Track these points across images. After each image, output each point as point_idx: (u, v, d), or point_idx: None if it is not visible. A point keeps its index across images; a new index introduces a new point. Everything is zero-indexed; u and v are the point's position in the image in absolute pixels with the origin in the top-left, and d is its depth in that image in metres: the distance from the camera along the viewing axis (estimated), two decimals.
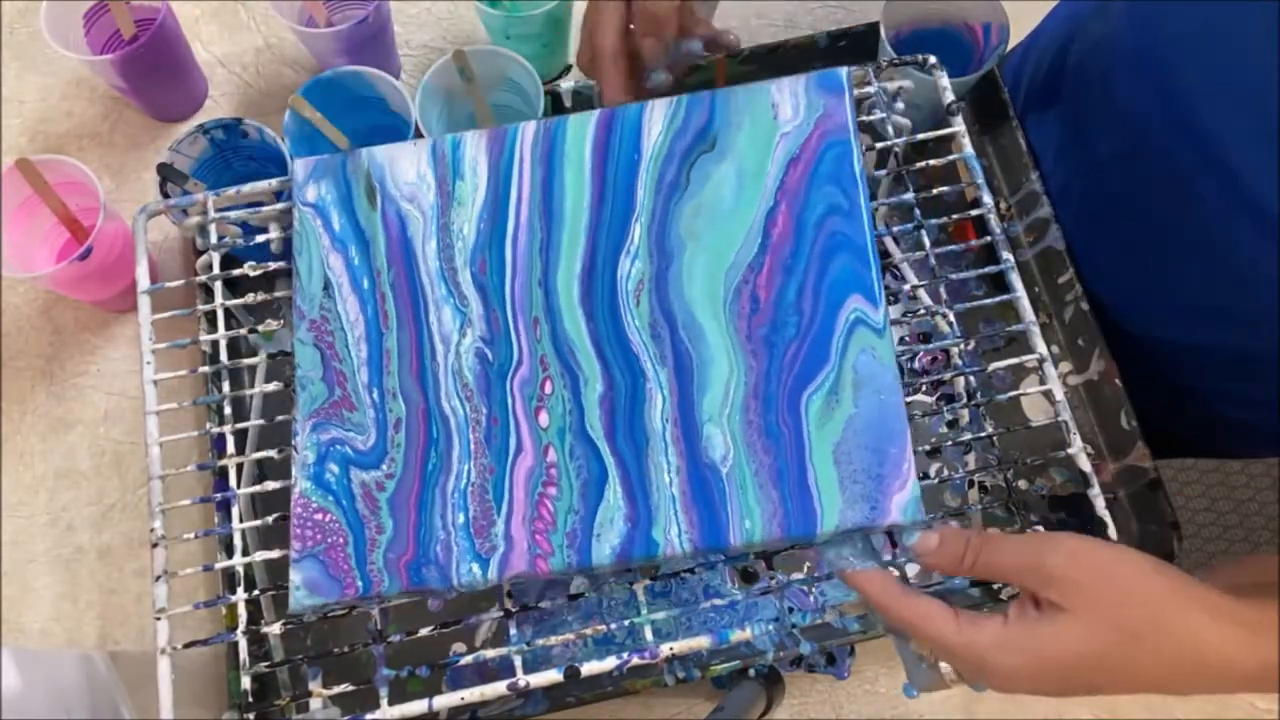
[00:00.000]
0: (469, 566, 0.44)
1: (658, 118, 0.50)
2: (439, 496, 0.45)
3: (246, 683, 0.47)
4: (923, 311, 0.56)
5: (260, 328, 0.55)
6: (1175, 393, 0.64)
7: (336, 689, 0.46)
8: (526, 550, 0.44)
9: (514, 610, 0.46)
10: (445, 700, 0.45)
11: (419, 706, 0.44)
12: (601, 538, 0.44)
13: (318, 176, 0.50)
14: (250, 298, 0.53)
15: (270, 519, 0.49)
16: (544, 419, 0.46)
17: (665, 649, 0.46)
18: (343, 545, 0.45)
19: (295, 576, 0.45)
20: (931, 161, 0.54)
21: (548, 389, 0.46)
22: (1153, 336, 0.62)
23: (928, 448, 0.49)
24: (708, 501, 0.44)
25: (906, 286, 0.56)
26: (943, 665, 0.42)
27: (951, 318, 0.52)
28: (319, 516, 0.46)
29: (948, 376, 0.59)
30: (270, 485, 0.49)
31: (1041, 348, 0.51)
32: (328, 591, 0.45)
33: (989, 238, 0.53)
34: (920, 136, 0.55)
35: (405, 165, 0.50)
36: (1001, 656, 0.38)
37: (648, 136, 0.49)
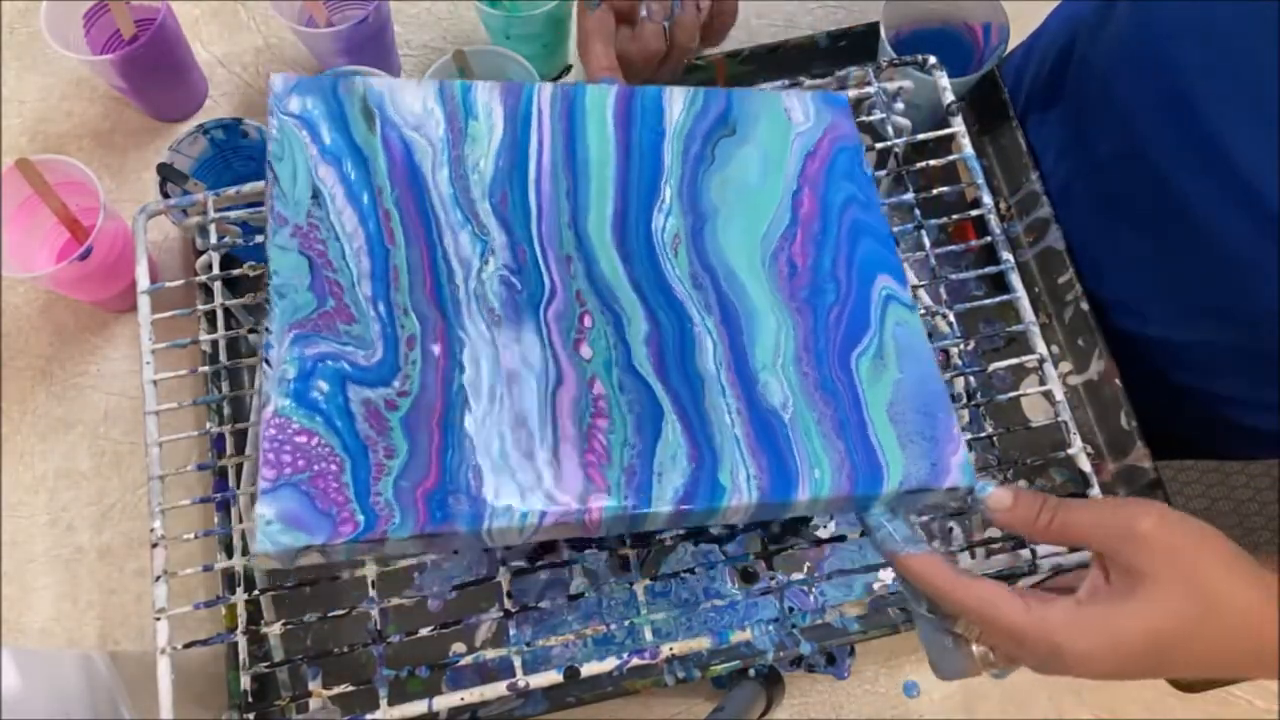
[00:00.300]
0: (507, 504, 0.38)
1: (677, 98, 0.49)
2: (469, 419, 0.40)
3: (246, 683, 0.47)
4: (923, 311, 0.56)
5: (260, 327, 0.55)
6: (1175, 393, 0.64)
7: (336, 689, 0.46)
8: (580, 484, 0.39)
9: (514, 610, 0.46)
10: (445, 700, 0.45)
11: (419, 707, 0.44)
12: (663, 477, 0.39)
13: (302, 92, 0.45)
14: (250, 298, 0.53)
15: None
16: (586, 351, 0.42)
17: (665, 649, 0.46)
18: (336, 473, 0.38)
19: (265, 509, 0.36)
20: (931, 161, 0.54)
21: (587, 323, 0.42)
22: (1153, 336, 0.62)
23: None
24: (774, 447, 0.41)
25: None
26: (975, 648, 0.40)
27: (951, 318, 0.52)
28: (301, 439, 0.38)
29: (948, 377, 0.59)
30: None
31: (1041, 348, 0.51)
32: (314, 528, 0.36)
33: (989, 238, 0.53)
34: (920, 136, 0.55)
35: (409, 98, 0.46)
36: (1078, 638, 0.36)
37: (669, 114, 0.49)
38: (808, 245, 0.47)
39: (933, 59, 0.56)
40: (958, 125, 0.54)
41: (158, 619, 0.46)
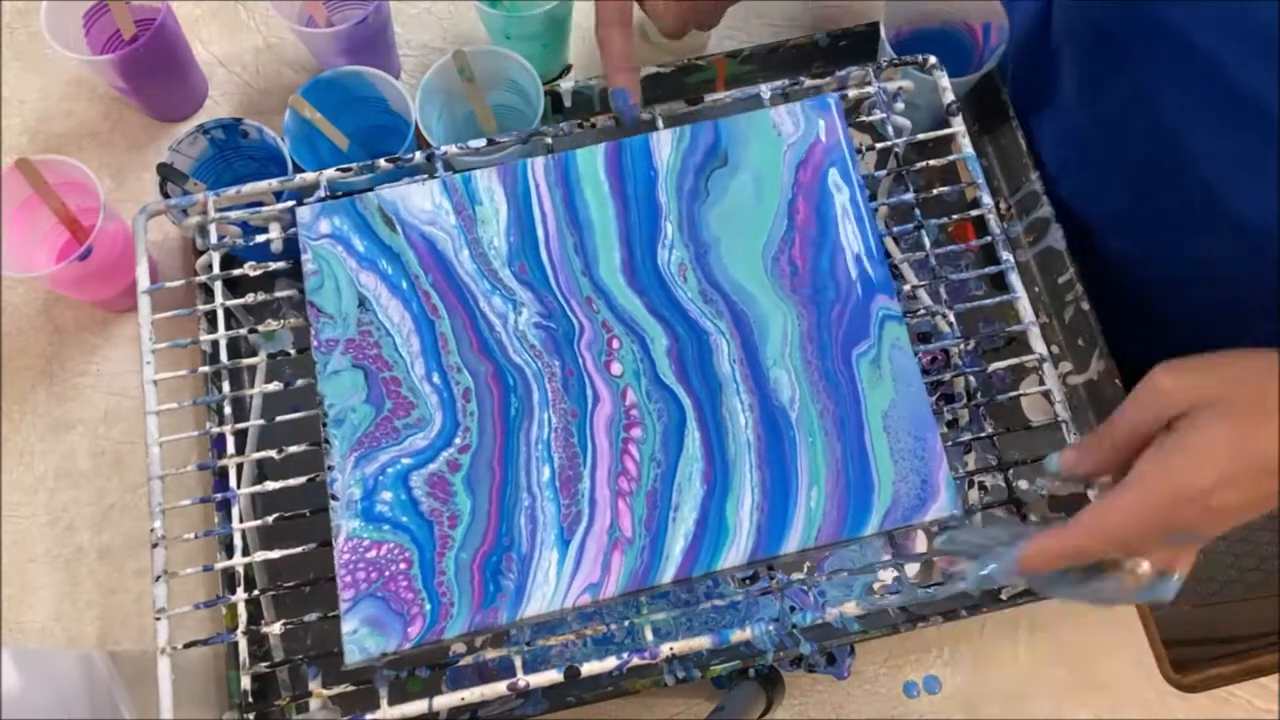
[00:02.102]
0: (548, 558, 0.44)
1: (665, 140, 0.51)
2: (523, 445, 0.46)
3: (246, 683, 0.47)
4: (923, 311, 0.56)
5: (260, 328, 0.55)
6: None
7: (336, 689, 0.46)
8: (606, 531, 0.45)
9: None
10: (445, 700, 0.45)
11: (419, 706, 0.44)
12: (680, 510, 0.45)
13: (328, 214, 0.50)
14: (250, 298, 0.53)
15: (270, 519, 0.49)
16: (616, 368, 0.48)
17: (665, 649, 0.46)
18: (405, 570, 0.44)
19: (349, 624, 0.43)
20: (931, 161, 0.54)
21: (615, 345, 0.48)
22: (1153, 313, 0.62)
23: None
24: (779, 456, 0.46)
25: (906, 286, 0.56)
26: (1135, 569, 0.40)
27: (951, 318, 0.52)
28: (372, 554, 0.44)
29: (948, 376, 0.59)
30: (270, 485, 0.49)
31: (1041, 348, 0.51)
32: (389, 629, 0.43)
33: (989, 238, 0.53)
34: (920, 136, 0.55)
35: (418, 198, 0.50)
36: (1184, 447, 0.38)
37: (658, 156, 0.51)
38: (807, 247, 0.49)
39: (933, 59, 0.56)
40: (958, 125, 0.54)
41: (158, 619, 0.46)
